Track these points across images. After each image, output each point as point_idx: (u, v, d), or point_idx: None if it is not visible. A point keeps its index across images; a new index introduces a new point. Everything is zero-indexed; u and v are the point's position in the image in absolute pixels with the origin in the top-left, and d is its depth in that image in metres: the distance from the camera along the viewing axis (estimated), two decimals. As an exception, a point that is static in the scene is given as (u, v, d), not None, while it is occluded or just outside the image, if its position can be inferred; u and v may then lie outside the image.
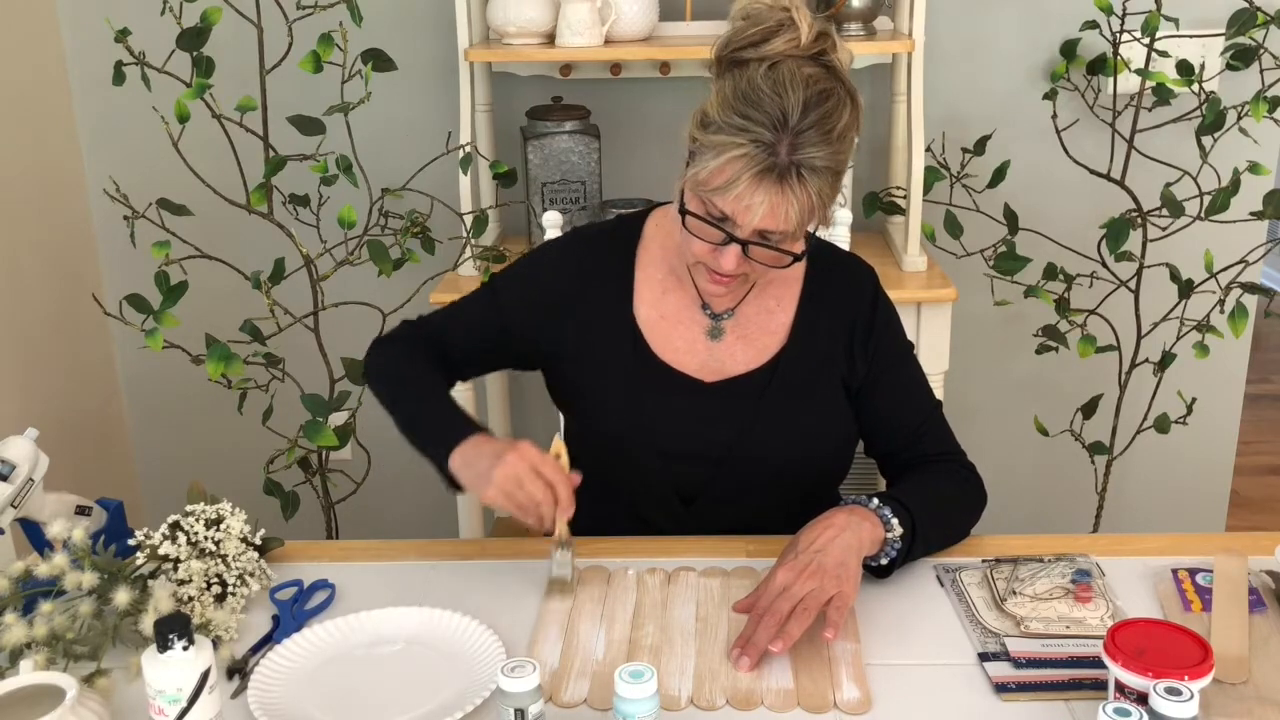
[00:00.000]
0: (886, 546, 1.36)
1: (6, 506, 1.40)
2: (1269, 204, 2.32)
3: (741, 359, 1.52)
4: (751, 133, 1.29)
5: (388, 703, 1.20)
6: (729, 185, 1.30)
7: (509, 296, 1.57)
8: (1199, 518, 2.83)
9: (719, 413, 1.50)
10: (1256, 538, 1.47)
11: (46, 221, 2.55)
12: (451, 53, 2.38)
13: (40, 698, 1.08)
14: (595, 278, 1.54)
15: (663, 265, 1.54)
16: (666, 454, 1.50)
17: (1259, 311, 2.57)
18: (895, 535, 1.35)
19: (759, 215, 1.31)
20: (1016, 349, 2.70)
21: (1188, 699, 1.01)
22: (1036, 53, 2.53)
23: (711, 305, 1.52)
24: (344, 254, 2.25)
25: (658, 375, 1.51)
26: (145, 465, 2.88)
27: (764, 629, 1.23)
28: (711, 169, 1.31)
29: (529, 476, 1.30)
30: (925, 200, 2.38)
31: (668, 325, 1.52)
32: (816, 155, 1.30)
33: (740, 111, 1.30)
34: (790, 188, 1.30)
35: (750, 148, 1.29)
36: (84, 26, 2.55)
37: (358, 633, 1.31)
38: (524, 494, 1.30)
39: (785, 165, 1.29)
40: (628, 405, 1.51)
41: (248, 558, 1.36)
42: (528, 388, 2.70)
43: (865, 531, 1.32)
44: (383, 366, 1.56)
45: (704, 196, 1.34)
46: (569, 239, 1.63)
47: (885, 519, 1.35)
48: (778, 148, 1.29)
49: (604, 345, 1.52)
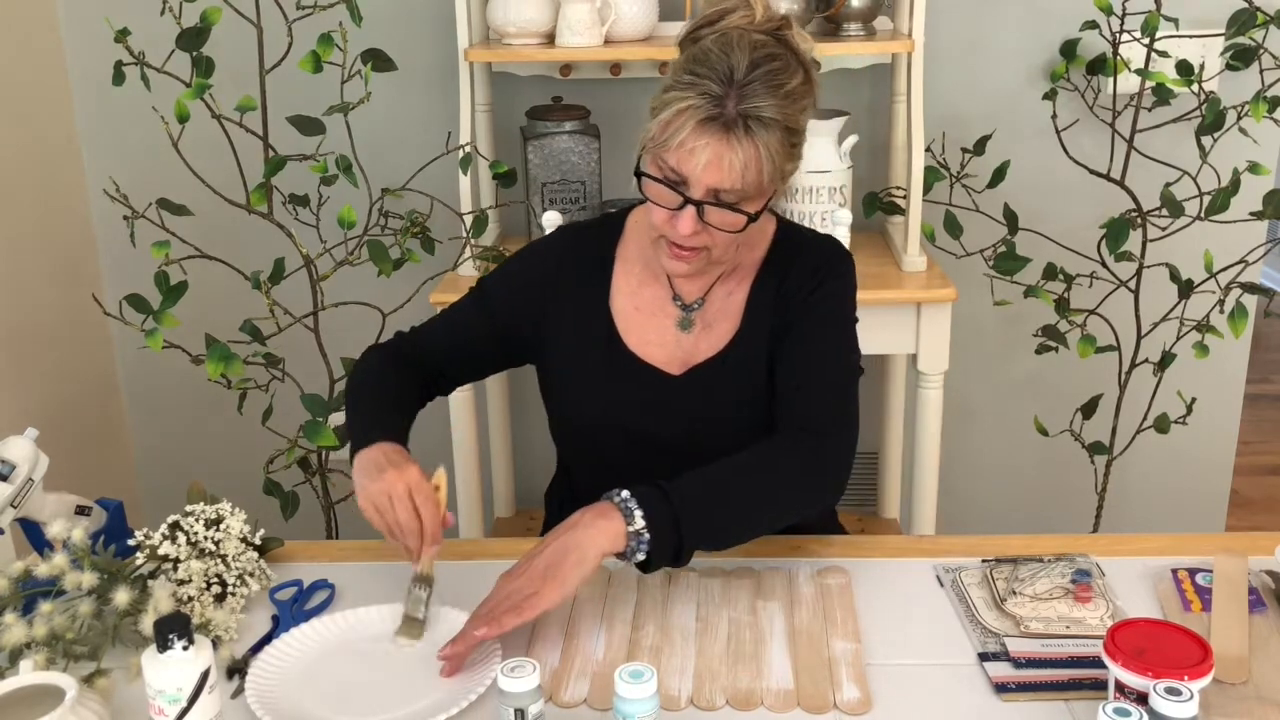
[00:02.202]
0: (632, 540, 1.26)
1: (6, 506, 1.40)
2: (1269, 204, 2.32)
3: (705, 347, 1.52)
4: (699, 86, 1.32)
5: (386, 696, 1.20)
6: (673, 135, 1.32)
7: (496, 292, 1.60)
8: (1199, 518, 2.83)
9: (683, 403, 1.51)
10: (1256, 538, 1.47)
11: (46, 221, 2.55)
12: (451, 53, 2.37)
13: (40, 698, 1.08)
14: (576, 269, 1.56)
15: (640, 259, 1.56)
16: (638, 445, 1.51)
17: (1259, 311, 2.57)
18: (637, 528, 1.26)
19: (702, 163, 1.32)
20: (1016, 349, 2.70)
21: (1188, 699, 1.01)
22: (1036, 53, 2.53)
23: (681, 294, 1.53)
24: (344, 254, 2.25)
25: (627, 367, 1.53)
26: (145, 465, 2.88)
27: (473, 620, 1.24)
28: (660, 124, 1.34)
29: (400, 499, 1.32)
30: (925, 200, 2.38)
31: (642, 317, 1.54)
32: (763, 106, 1.32)
33: (690, 70, 1.34)
34: (736, 139, 1.31)
35: (697, 99, 1.31)
36: (84, 26, 2.55)
37: (357, 627, 1.32)
38: (391, 516, 1.32)
39: (732, 117, 1.31)
40: (599, 396, 1.53)
41: (247, 558, 1.36)
42: (528, 388, 2.70)
43: (598, 529, 1.25)
44: (356, 374, 1.57)
45: (657, 157, 1.36)
46: (555, 234, 1.66)
47: (628, 512, 1.27)
48: (725, 101, 1.31)
49: (580, 335, 1.55)
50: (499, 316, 1.58)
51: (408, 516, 1.32)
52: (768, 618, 1.33)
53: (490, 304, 1.59)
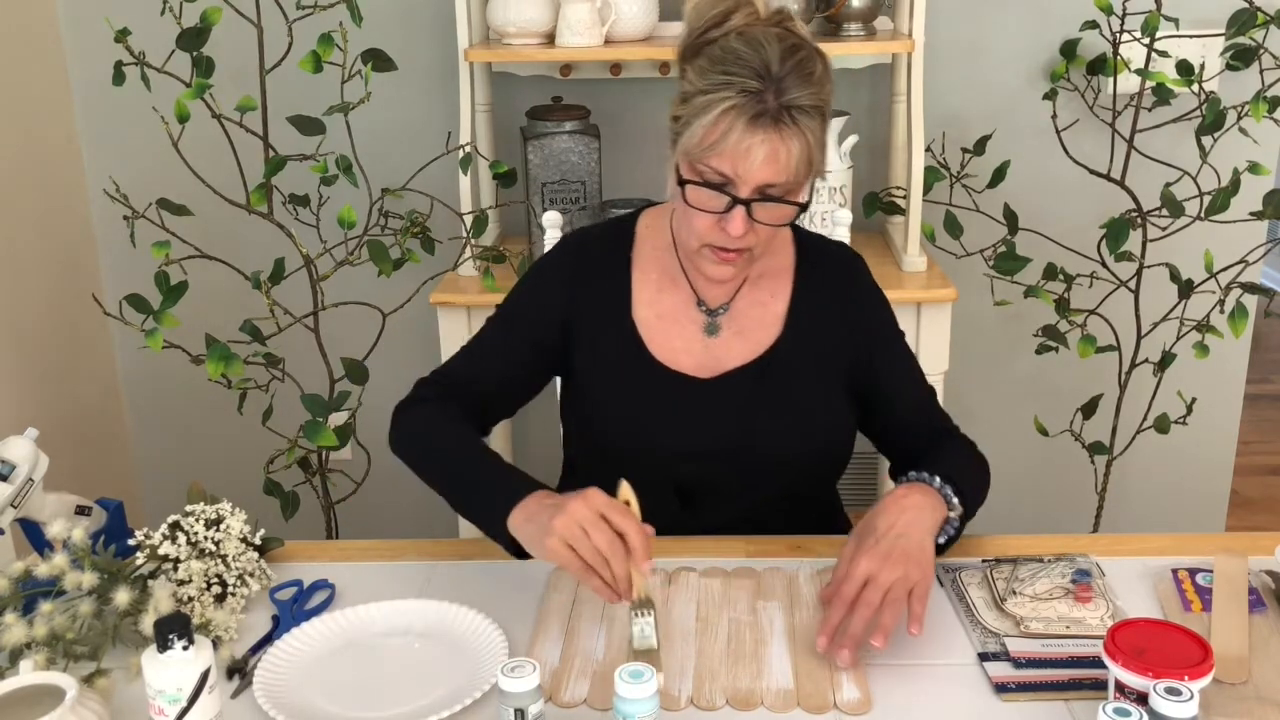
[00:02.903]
0: (947, 525, 1.36)
1: (6, 506, 1.40)
2: (1269, 204, 2.32)
3: (738, 353, 1.52)
4: (737, 84, 1.31)
5: (393, 692, 1.21)
6: (724, 137, 1.31)
7: (523, 319, 1.55)
8: (1199, 518, 2.83)
9: (716, 408, 1.50)
10: (1256, 538, 1.47)
11: (46, 221, 2.55)
12: (451, 53, 2.38)
13: (40, 698, 1.08)
14: (593, 282, 1.54)
15: (657, 265, 1.54)
16: (665, 453, 1.50)
17: (1259, 311, 2.57)
18: (955, 515, 1.36)
19: (759, 160, 1.31)
20: (1016, 349, 2.70)
21: (1188, 699, 1.01)
22: (1036, 53, 2.53)
23: (706, 298, 1.52)
24: (344, 254, 2.25)
25: (655, 376, 1.51)
26: (145, 465, 2.88)
27: (858, 619, 1.22)
28: (704, 128, 1.31)
29: (593, 523, 1.18)
30: (925, 200, 2.38)
31: (665, 324, 1.53)
32: (802, 95, 1.31)
33: (721, 71, 1.32)
34: (785, 130, 1.31)
35: (738, 97, 1.30)
36: (84, 27, 2.55)
37: (366, 623, 1.32)
38: (587, 545, 1.18)
39: (776, 109, 1.31)
40: (626, 408, 1.51)
41: (247, 558, 1.36)
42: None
43: (938, 512, 1.33)
44: (415, 433, 1.46)
45: (700, 162, 1.34)
46: (560, 250, 1.61)
47: (948, 498, 1.36)
48: (765, 95, 1.30)
49: (605, 349, 1.52)
50: (532, 334, 1.54)
51: (608, 539, 1.18)
52: (768, 618, 1.33)
53: (518, 327, 1.54)
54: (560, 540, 1.18)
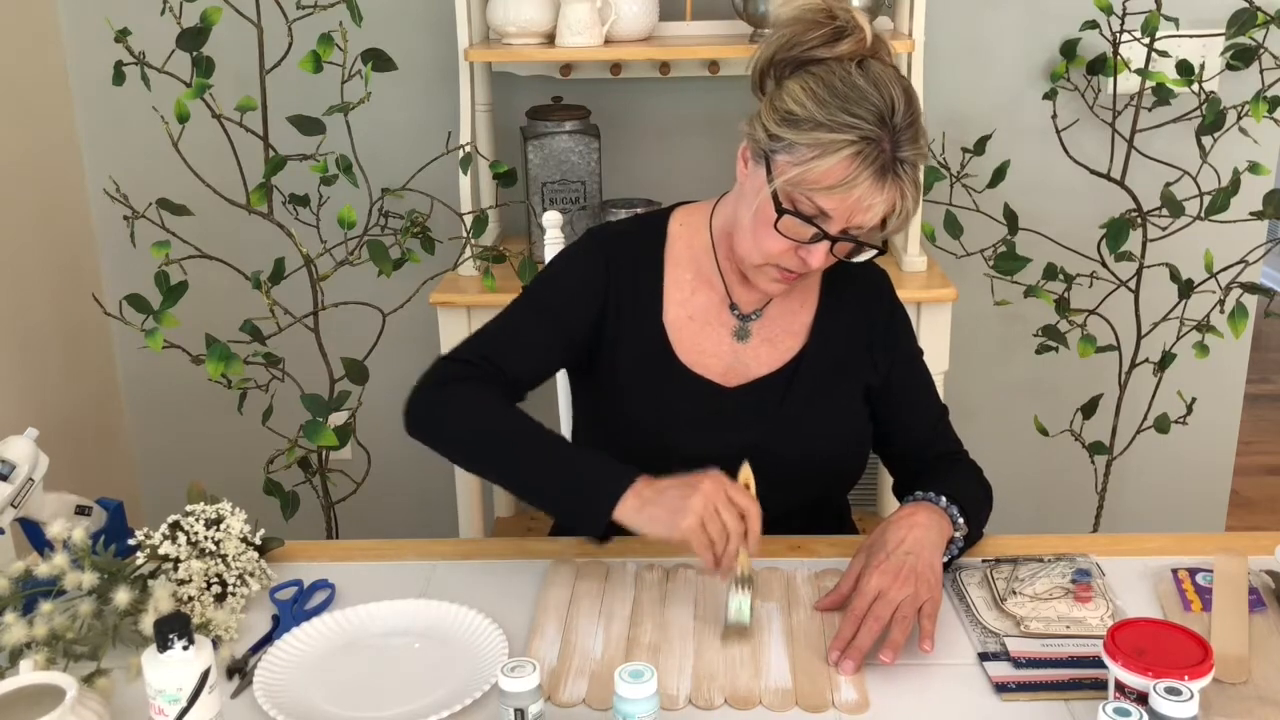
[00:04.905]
0: (951, 545, 1.38)
1: (6, 506, 1.40)
2: (1269, 204, 2.32)
3: (765, 361, 1.51)
4: (861, 129, 1.29)
5: (394, 692, 1.21)
6: (846, 186, 1.30)
7: (558, 311, 1.50)
8: (1199, 518, 2.83)
9: (739, 416, 1.50)
10: (1256, 538, 1.47)
11: (46, 221, 2.55)
12: (451, 53, 2.38)
13: (40, 698, 1.08)
14: (624, 275, 1.51)
15: (692, 265, 1.53)
16: (682, 457, 1.49)
17: (1259, 311, 2.57)
18: (960, 535, 1.38)
19: (878, 213, 1.33)
20: (1016, 349, 2.70)
21: (1188, 699, 1.01)
22: (1036, 53, 2.53)
23: (739, 303, 1.52)
24: (344, 254, 2.25)
25: (680, 380, 1.50)
26: (145, 465, 2.88)
27: (866, 633, 1.23)
28: (822, 169, 1.30)
29: (725, 504, 1.25)
30: (925, 200, 2.38)
31: (695, 326, 1.52)
32: (914, 150, 1.32)
33: (845, 109, 1.30)
34: (901, 183, 1.32)
35: (861, 144, 1.29)
36: (84, 26, 2.55)
37: (366, 623, 1.32)
38: (718, 524, 1.24)
39: (890, 160, 1.31)
40: (647, 411, 1.50)
41: (248, 558, 1.36)
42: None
43: (944, 531, 1.35)
44: (467, 413, 1.38)
45: (803, 194, 1.33)
46: (587, 241, 1.56)
47: (953, 518, 1.38)
48: (884, 144, 1.30)
49: (632, 347, 1.51)
50: (566, 327, 1.50)
51: (736, 520, 1.25)
52: (767, 618, 1.33)
53: (554, 318, 1.50)
54: (698, 519, 1.24)
